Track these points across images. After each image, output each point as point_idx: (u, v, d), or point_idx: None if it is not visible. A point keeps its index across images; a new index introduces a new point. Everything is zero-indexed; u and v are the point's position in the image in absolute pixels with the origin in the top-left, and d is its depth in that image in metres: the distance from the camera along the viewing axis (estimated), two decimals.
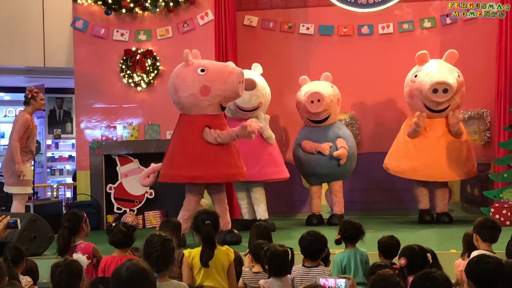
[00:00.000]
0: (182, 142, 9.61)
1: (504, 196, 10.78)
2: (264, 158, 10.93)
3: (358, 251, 6.29)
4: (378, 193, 12.74)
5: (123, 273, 3.80)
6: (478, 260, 4.37)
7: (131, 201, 12.18)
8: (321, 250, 5.75)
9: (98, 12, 12.19)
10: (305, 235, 5.79)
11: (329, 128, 11.66)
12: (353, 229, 6.34)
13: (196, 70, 9.51)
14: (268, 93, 11.15)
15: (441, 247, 8.17)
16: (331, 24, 13.09)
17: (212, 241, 5.51)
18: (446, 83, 10.86)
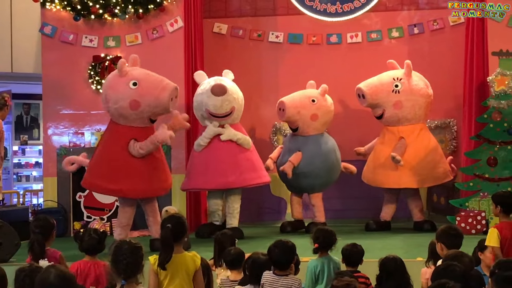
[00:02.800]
0: (107, 152, 9.66)
1: (469, 205, 10.88)
2: (242, 164, 10.80)
3: (331, 259, 6.30)
4: (351, 201, 12.81)
5: (51, 279, 3.79)
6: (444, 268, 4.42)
7: (101, 209, 12.10)
8: (290, 260, 5.75)
9: (67, 18, 12.13)
10: (272, 246, 5.77)
11: (299, 139, 11.66)
12: (326, 237, 6.35)
13: (128, 83, 9.53)
14: (240, 98, 11.04)
15: (408, 255, 8.23)
16: (300, 32, 13.17)
17: (169, 244, 5.48)
18: (359, 89, 11.43)
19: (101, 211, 12.11)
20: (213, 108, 10.76)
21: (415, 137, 11.51)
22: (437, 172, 11.55)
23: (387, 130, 11.63)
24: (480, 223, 10.54)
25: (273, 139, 13.03)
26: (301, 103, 11.53)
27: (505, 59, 11.54)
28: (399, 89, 11.44)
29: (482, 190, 10.94)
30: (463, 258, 5.05)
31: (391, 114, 11.49)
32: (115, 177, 9.49)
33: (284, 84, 12.53)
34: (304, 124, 11.55)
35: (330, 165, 11.59)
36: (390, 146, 11.42)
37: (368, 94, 11.33)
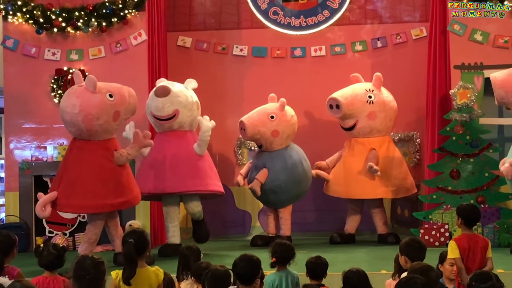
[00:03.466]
0: (100, 170, 9.47)
1: (433, 217, 10.95)
2: (182, 170, 10.57)
3: (289, 273, 6.28)
4: (315, 214, 12.83)
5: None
6: (406, 281, 4.43)
7: (63, 225, 11.98)
8: (256, 274, 5.72)
9: (29, 31, 12.04)
10: (237, 260, 5.73)
11: (263, 155, 11.65)
12: (284, 251, 6.33)
13: (105, 96, 9.44)
14: (189, 103, 10.72)
15: (372, 268, 8.24)
16: (264, 46, 13.20)
17: (133, 259, 5.43)
18: (335, 99, 11.43)
19: (64, 226, 11.99)
20: (155, 109, 10.65)
21: (386, 149, 11.63)
22: (407, 183, 11.68)
23: (356, 141, 11.68)
24: (444, 235, 10.61)
25: (238, 152, 13.02)
26: (260, 121, 11.47)
27: (467, 73, 11.67)
28: (372, 100, 11.53)
29: (445, 202, 11.03)
30: (430, 272, 5.07)
31: (364, 125, 11.55)
32: (119, 190, 9.54)
33: (248, 97, 12.53)
34: (267, 141, 11.55)
35: (298, 178, 11.56)
36: (361, 157, 11.48)
37: (344, 105, 11.35)
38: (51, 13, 11.90)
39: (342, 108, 11.36)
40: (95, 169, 9.39)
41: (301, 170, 11.60)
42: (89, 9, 11.92)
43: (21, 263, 6.73)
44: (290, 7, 13.21)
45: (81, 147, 9.53)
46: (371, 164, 11.18)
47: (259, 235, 11.96)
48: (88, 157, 9.44)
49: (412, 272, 4.98)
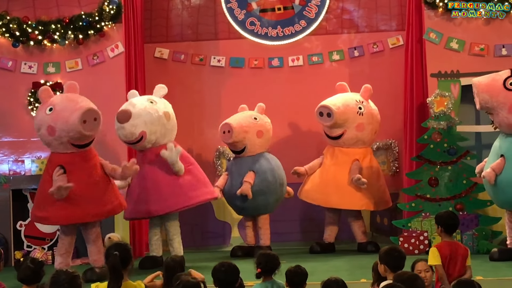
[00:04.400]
0: (41, 181, 9.83)
1: (412, 225, 10.99)
2: (164, 190, 10.48)
3: (275, 283, 6.29)
4: (295, 224, 12.83)
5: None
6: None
7: (42, 239, 11.91)
8: (235, 281, 5.73)
9: (5, 45, 11.97)
10: (218, 266, 5.76)
11: (246, 160, 11.61)
12: (269, 261, 6.33)
13: (45, 109, 9.57)
14: (154, 118, 10.49)
15: (352, 277, 8.26)
16: (242, 56, 13.20)
17: (118, 272, 5.44)
18: (327, 107, 11.35)
19: (42, 241, 11.92)
20: (122, 136, 10.53)
21: (368, 161, 11.70)
22: (386, 196, 11.79)
23: (340, 151, 11.67)
24: (423, 243, 10.64)
25: (217, 163, 12.99)
26: (246, 122, 11.55)
27: (444, 81, 11.74)
28: (362, 112, 11.57)
29: (424, 210, 11.08)
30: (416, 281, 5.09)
31: (352, 136, 11.57)
32: (44, 204, 9.57)
33: (226, 108, 12.51)
34: (251, 143, 11.54)
35: (281, 180, 11.63)
36: (345, 167, 11.50)
37: (337, 114, 11.33)
38: (27, 26, 11.84)
39: (334, 117, 11.34)
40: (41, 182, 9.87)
41: (283, 174, 11.69)
42: (66, 21, 11.87)
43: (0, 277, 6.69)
44: (267, 18, 13.23)
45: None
46: (359, 176, 11.19)
47: (239, 245, 11.93)
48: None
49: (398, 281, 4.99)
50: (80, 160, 9.63)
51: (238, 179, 11.50)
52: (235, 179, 11.59)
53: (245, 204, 11.49)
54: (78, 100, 9.66)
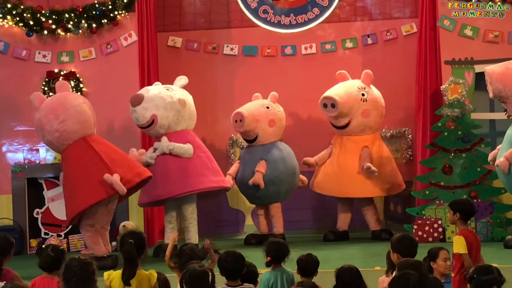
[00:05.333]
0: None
1: (426, 213, 10.98)
2: (171, 175, 10.44)
3: (284, 271, 6.30)
4: (308, 212, 12.84)
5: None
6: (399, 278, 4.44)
7: (58, 226, 11.97)
8: (241, 269, 5.75)
9: (19, 34, 12.01)
10: (224, 256, 5.77)
11: (258, 149, 11.63)
12: (278, 249, 6.35)
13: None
14: (168, 103, 10.53)
15: (366, 265, 8.26)
16: (255, 44, 13.19)
17: (133, 260, 5.46)
18: (331, 98, 11.35)
19: (58, 228, 11.98)
20: (135, 120, 10.62)
21: (378, 146, 11.66)
22: (398, 180, 11.73)
23: (348, 140, 11.66)
24: (437, 231, 10.63)
25: (230, 152, 13.01)
26: (258, 110, 11.56)
27: (458, 68, 11.70)
28: (366, 98, 11.55)
29: (438, 198, 11.06)
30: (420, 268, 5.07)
31: (358, 123, 11.56)
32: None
33: (239, 96, 12.51)
34: (263, 132, 11.55)
35: (293, 169, 11.62)
36: (355, 155, 11.50)
37: (340, 103, 11.32)
38: (41, 15, 11.88)
39: (338, 107, 11.32)
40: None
41: (295, 162, 11.69)
42: (79, 11, 11.91)
43: (15, 265, 6.74)
44: (280, 5, 13.21)
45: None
46: (368, 164, 11.17)
47: (252, 233, 11.96)
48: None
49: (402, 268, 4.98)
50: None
51: (250, 168, 11.53)
52: (247, 167, 11.62)
53: (257, 193, 11.51)
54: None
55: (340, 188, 11.61)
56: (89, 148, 9.53)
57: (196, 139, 10.88)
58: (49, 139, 9.60)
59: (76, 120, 9.55)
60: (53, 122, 9.49)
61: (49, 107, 9.62)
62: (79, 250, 11.55)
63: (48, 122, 9.50)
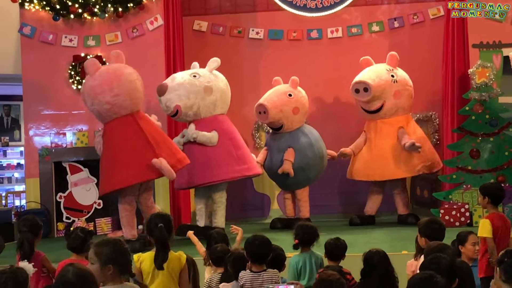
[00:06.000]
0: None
1: (453, 197, 10.92)
2: (195, 163, 10.41)
3: (313, 254, 6.31)
4: (334, 196, 12.82)
5: (70, 277, 3.79)
6: (430, 261, 4.42)
7: (80, 211, 12.04)
8: (268, 254, 5.75)
9: (46, 18, 12.06)
10: (250, 240, 5.77)
11: (284, 136, 11.59)
12: (307, 233, 6.35)
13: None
14: (192, 91, 10.54)
15: (393, 249, 8.24)
16: (280, 28, 13.15)
17: (165, 244, 5.49)
18: (363, 82, 11.30)
19: (80, 212, 12.04)
20: (163, 109, 10.76)
21: (412, 127, 11.63)
22: (436, 157, 11.67)
23: (382, 123, 11.59)
24: (464, 215, 10.58)
25: (256, 136, 13.02)
26: (280, 100, 11.48)
27: (486, 51, 11.60)
28: (396, 79, 11.50)
29: (465, 182, 10.99)
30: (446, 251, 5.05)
31: (391, 105, 11.50)
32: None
33: (265, 80, 12.49)
34: (288, 120, 11.52)
35: (321, 153, 11.61)
36: (391, 138, 11.45)
37: (374, 87, 11.27)
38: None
39: (371, 91, 11.26)
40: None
41: (322, 145, 11.69)
42: None
43: (43, 248, 6.80)
44: None
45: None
46: (412, 141, 11.11)
47: (278, 218, 11.97)
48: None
49: (429, 252, 4.97)
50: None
51: (277, 155, 11.51)
52: (274, 155, 11.60)
53: (287, 180, 11.50)
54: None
55: (380, 172, 11.53)
56: (136, 125, 9.66)
57: (224, 125, 10.86)
58: (97, 108, 9.63)
59: (128, 96, 9.66)
60: (106, 94, 9.53)
61: (104, 77, 9.64)
62: (106, 233, 11.64)
63: (102, 93, 9.53)
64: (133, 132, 9.58)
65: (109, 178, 9.58)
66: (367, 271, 5.49)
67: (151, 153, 9.42)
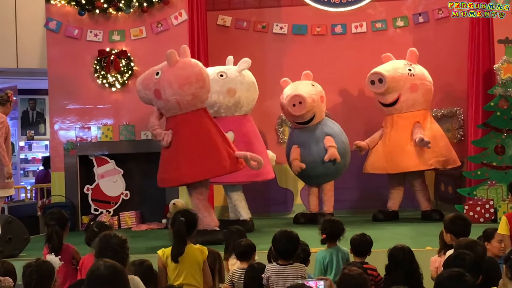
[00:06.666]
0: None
1: (477, 193, 10.86)
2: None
3: (339, 249, 6.33)
4: (357, 192, 12.80)
5: (102, 271, 3.83)
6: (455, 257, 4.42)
7: (107, 202, 12.12)
8: (294, 249, 5.77)
9: (72, 13, 12.13)
10: (278, 236, 5.79)
11: (317, 127, 11.56)
12: (334, 227, 6.37)
13: (153, 73, 9.87)
14: (214, 96, 10.64)
15: (417, 245, 8.21)
16: (304, 23, 13.14)
17: (182, 237, 5.55)
18: (378, 73, 11.36)
19: (108, 204, 12.11)
20: None
21: (429, 123, 11.58)
22: (452, 154, 11.61)
23: (398, 117, 11.57)
24: (489, 212, 10.53)
25: (279, 131, 13.02)
26: (310, 91, 11.49)
27: (511, 47, 11.50)
28: (413, 73, 11.48)
29: (490, 178, 10.93)
30: (476, 247, 5.05)
31: (407, 98, 11.47)
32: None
33: (288, 75, 12.45)
34: (319, 109, 11.55)
35: (347, 143, 11.62)
36: (406, 132, 11.42)
37: (388, 78, 11.29)
38: None
39: (386, 82, 11.28)
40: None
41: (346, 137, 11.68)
42: None
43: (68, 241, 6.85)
44: None
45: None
46: (421, 136, 11.09)
47: (301, 212, 11.97)
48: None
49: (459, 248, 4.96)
50: None
51: (316, 147, 11.42)
52: (313, 148, 11.48)
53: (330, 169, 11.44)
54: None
55: (393, 164, 11.50)
56: (212, 120, 9.80)
57: (243, 128, 10.96)
58: (178, 98, 9.53)
59: (207, 90, 9.77)
60: (193, 86, 9.52)
61: (190, 70, 9.65)
62: (130, 227, 11.71)
63: (187, 84, 9.49)
64: (211, 124, 9.68)
65: (190, 168, 9.47)
66: (392, 267, 5.50)
67: (228, 147, 9.58)
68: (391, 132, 11.64)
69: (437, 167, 11.58)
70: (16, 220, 8.97)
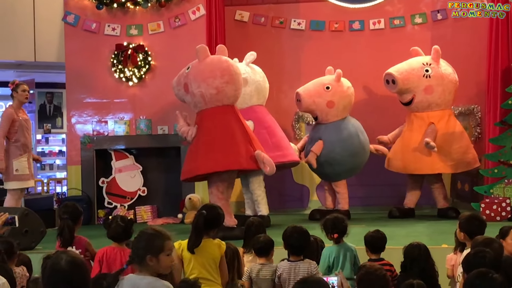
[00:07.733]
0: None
1: (494, 192, 10.81)
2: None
3: (345, 245, 6.31)
4: (374, 189, 12.75)
5: (63, 265, 3.72)
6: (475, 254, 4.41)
7: (123, 197, 12.15)
8: (306, 245, 5.77)
9: (90, 7, 12.17)
10: (289, 232, 5.80)
11: (320, 128, 11.61)
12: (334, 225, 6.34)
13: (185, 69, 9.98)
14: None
15: (433, 242, 8.19)
16: (322, 19, 13.10)
17: (199, 229, 5.57)
18: (390, 74, 11.39)
19: (123, 199, 12.14)
20: None
21: (445, 123, 11.48)
22: (467, 158, 11.50)
23: (415, 116, 11.55)
24: (505, 210, 10.48)
25: (296, 127, 13.01)
26: (316, 91, 11.50)
27: None
28: (429, 74, 11.42)
29: (507, 176, 10.87)
30: (492, 244, 5.02)
31: (421, 99, 11.43)
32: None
33: (306, 71, 12.48)
34: (322, 112, 11.52)
35: (353, 150, 11.46)
36: (420, 132, 11.37)
37: (399, 79, 11.28)
38: None
39: (398, 83, 11.28)
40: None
41: (357, 142, 11.50)
42: None
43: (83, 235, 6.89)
44: None
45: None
46: (427, 140, 11.05)
47: (317, 209, 11.96)
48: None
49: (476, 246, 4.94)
50: None
51: (310, 145, 11.55)
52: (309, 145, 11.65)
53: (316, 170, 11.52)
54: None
55: (405, 164, 11.51)
56: (237, 116, 9.87)
57: (259, 115, 11.06)
58: (203, 92, 9.68)
59: (235, 87, 9.84)
60: (217, 79, 9.65)
61: (217, 65, 9.82)
62: (146, 222, 11.73)
63: (212, 77, 9.64)
64: (235, 121, 9.75)
65: (204, 160, 9.56)
66: (408, 264, 5.49)
67: (249, 145, 9.63)
68: (407, 131, 11.63)
69: (443, 171, 11.52)
70: (33, 213, 9.00)
